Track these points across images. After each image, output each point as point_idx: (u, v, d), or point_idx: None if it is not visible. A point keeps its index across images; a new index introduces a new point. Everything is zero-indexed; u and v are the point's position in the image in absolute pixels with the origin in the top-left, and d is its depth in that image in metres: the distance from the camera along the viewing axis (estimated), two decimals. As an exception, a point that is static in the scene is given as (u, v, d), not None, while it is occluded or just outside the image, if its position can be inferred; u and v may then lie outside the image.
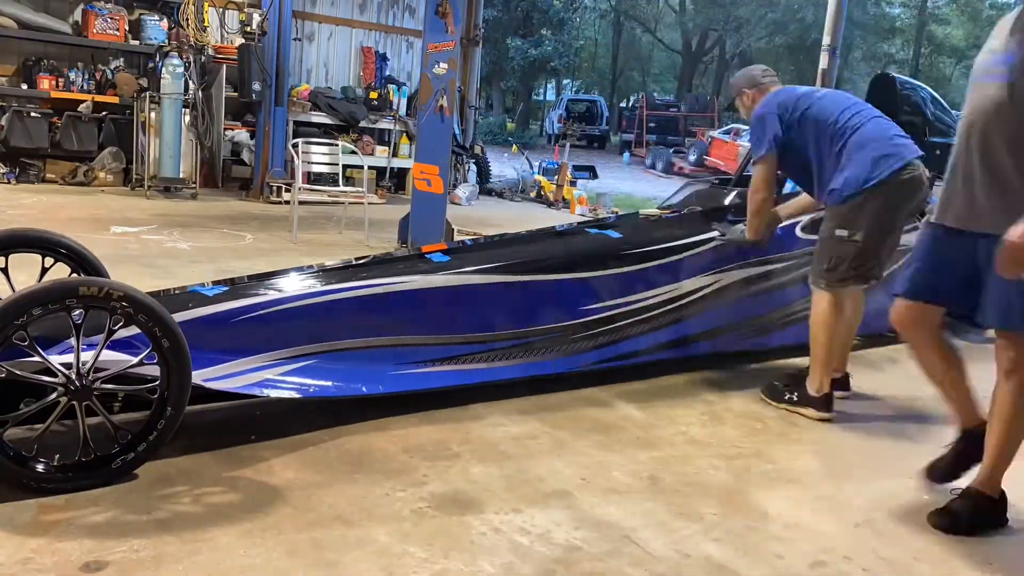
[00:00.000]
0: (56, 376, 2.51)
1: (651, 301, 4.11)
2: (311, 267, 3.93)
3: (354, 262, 3.79)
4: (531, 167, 13.66)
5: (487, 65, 26.72)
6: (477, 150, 12.69)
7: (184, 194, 9.41)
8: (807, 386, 3.80)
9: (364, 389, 3.33)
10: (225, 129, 10.30)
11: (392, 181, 11.37)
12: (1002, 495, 2.80)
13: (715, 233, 4.33)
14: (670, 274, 4.17)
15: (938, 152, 5.97)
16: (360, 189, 8.46)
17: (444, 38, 6.39)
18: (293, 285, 3.37)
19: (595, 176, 14.10)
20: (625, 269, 4.04)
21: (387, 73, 11.69)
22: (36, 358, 2.49)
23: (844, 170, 3.63)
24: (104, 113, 9.67)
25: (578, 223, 5.18)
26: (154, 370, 2.63)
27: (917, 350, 2.98)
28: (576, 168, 13.32)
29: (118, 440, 2.62)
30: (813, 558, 2.54)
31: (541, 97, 42.87)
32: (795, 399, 3.82)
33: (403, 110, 11.39)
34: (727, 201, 4.86)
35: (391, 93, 11.39)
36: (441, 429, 3.30)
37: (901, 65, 34.07)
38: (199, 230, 7.39)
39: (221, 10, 9.86)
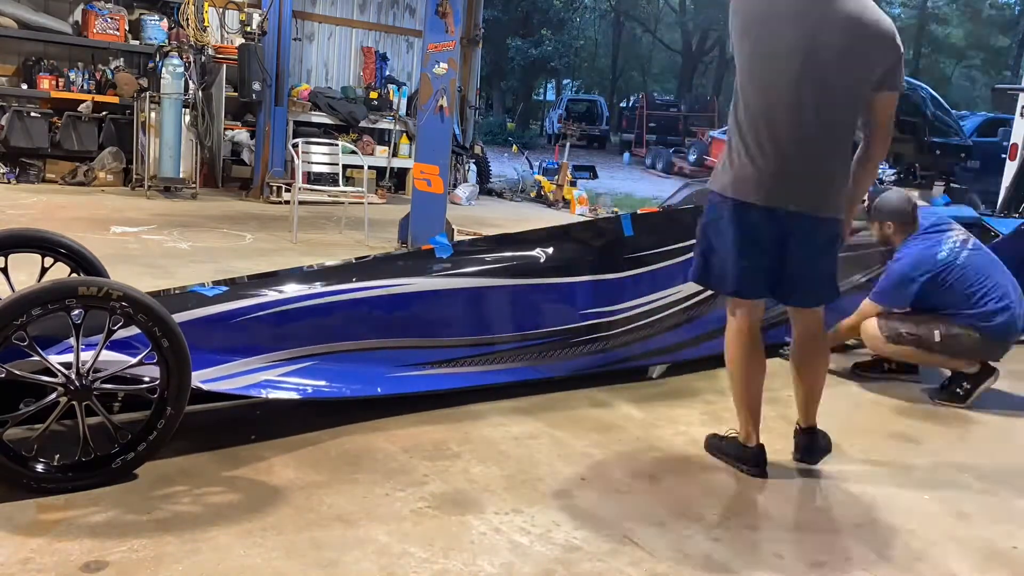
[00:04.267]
0: (56, 376, 2.51)
1: (651, 306, 4.09)
2: (311, 267, 3.93)
3: (354, 262, 3.79)
4: (531, 167, 13.66)
5: (487, 65, 26.67)
6: (477, 150, 12.68)
7: (184, 194, 9.41)
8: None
9: (363, 391, 3.33)
10: (225, 129, 10.29)
11: (392, 181, 11.36)
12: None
13: None
14: (673, 278, 4.16)
15: (938, 152, 5.98)
16: (360, 189, 8.46)
17: (444, 38, 6.39)
18: (293, 286, 3.37)
19: (595, 176, 14.11)
20: (628, 273, 4.03)
21: (387, 73, 11.69)
22: (36, 358, 2.49)
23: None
24: (104, 113, 9.66)
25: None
26: (154, 370, 2.63)
27: None
28: (576, 168, 13.32)
29: (118, 440, 2.62)
30: (813, 558, 2.54)
31: (541, 97, 42.79)
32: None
33: (403, 110, 11.38)
34: None
35: (391, 93, 11.38)
36: (441, 429, 3.30)
37: (901, 65, 34.00)
38: (199, 230, 7.39)
39: (221, 10, 9.85)
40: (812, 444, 3.21)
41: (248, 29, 9.74)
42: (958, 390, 4.15)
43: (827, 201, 2.90)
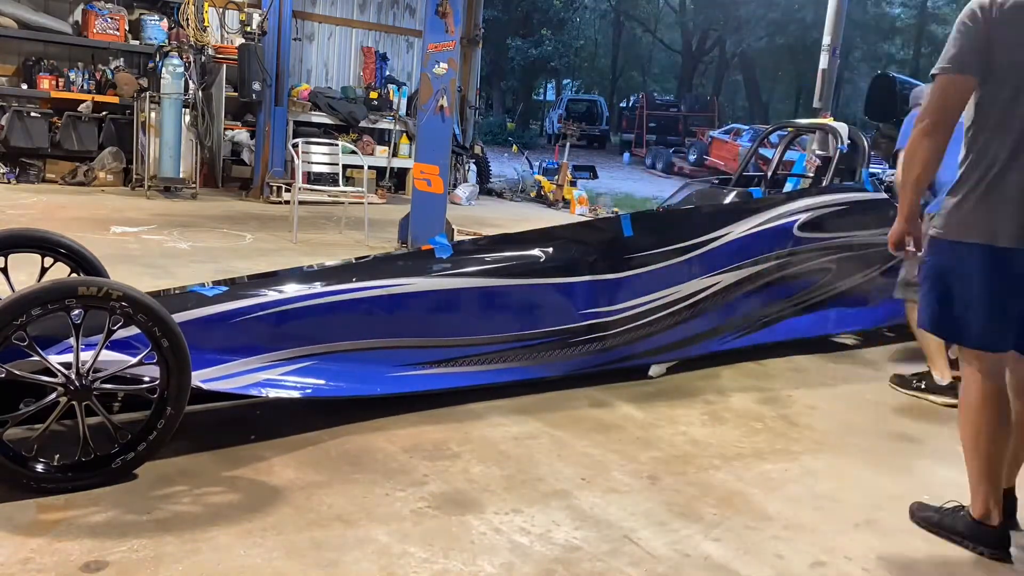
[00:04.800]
0: (56, 376, 2.51)
1: (651, 306, 4.10)
2: (311, 267, 3.93)
3: (354, 262, 3.79)
4: (531, 167, 13.67)
5: (487, 65, 26.68)
6: (477, 150, 12.68)
7: (184, 194, 9.41)
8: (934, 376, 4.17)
9: (363, 390, 3.33)
10: (225, 129, 10.30)
11: (392, 181, 11.36)
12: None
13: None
14: (671, 276, 4.17)
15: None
16: (360, 189, 8.46)
17: (444, 38, 6.39)
18: (293, 286, 3.37)
19: (595, 176, 14.12)
20: (628, 273, 4.03)
21: (387, 73, 11.69)
22: (36, 358, 2.49)
23: None
24: (104, 113, 9.67)
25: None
26: (153, 370, 2.63)
27: None
28: (576, 168, 13.32)
29: (118, 440, 2.62)
30: (813, 558, 2.54)
31: (541, 97, 42.78)
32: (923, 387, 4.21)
33: (403, 110, 11.38)
34: (727, 200, 4.87)
35: (391, 93, 11.39)
36: (441, 429, 3.29)
37: (901, 65, 34.00)
38: (199, 230, 7.39)
39: (221, 10, 9.86)
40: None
41: (248, 29, 9.74)
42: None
43: None
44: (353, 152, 9.45)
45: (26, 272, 3.32)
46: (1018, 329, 2.59)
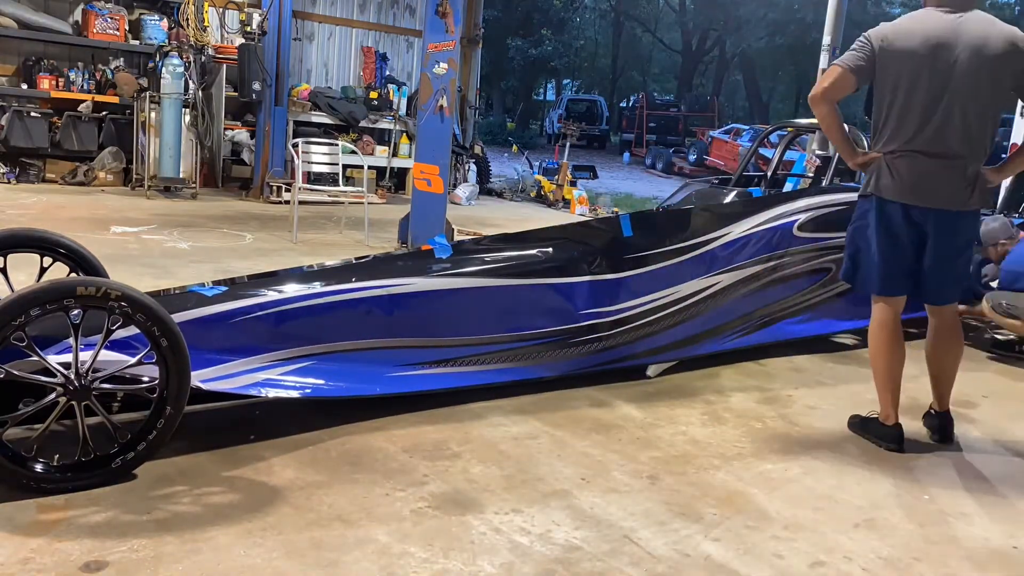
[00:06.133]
0: (55, 376, 2.51)
1: (651, 306, 4.10)
2: (311, 267, 3.94)
3: (354, 262, 3.79)
4: (531, 167, 13.67)
5: (487, 65, 26.65)
6: (477, 150, 12.68)
7: (184, 194, 9.41)
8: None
9: (362, 390, 3.33)
10: (225, 129, 10.30)
11: (392, 181, 11.36)
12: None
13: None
14: (670, 276, 4.17)
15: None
16: (360, 189, 8.46)
17: (444, 38, 6.39)
18: (293, 286, 3.37)
19: (595, 176, 14.12)
20: (628, 273, 4.03)
21: (387, 73, 11.69)
22: (35, 358, 2.49)
23: None
24: (104, 113, 9.67)
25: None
26: (153, 370, 2.63)
27: None
28: (576, 168, 13.32)
29: (118, 440, 2.62)
30: (813, 558, 2.54)
31: (541, 97, 42.80)
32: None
33: (403, 110, 11.38)
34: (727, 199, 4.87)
35: (391, 93, 11.38)
36: (441, 429, 3.29)
37: (901, 65, 33.94)
38: (199, 230, 7.39)
39: (221, 10, 9.86)
40: (948, 426, 3.60)
41: (248, 29, 9.74)
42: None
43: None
44: (353, 152, 9.45)
45: (25, 272, 3.32)
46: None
